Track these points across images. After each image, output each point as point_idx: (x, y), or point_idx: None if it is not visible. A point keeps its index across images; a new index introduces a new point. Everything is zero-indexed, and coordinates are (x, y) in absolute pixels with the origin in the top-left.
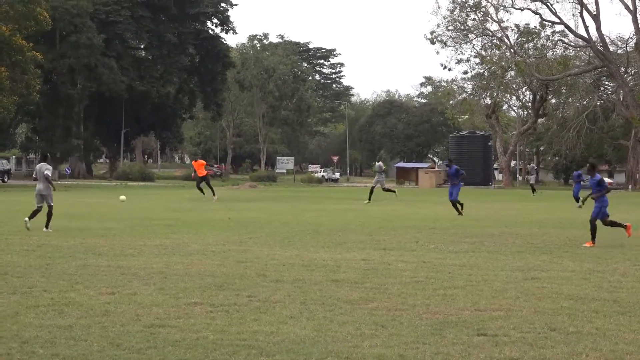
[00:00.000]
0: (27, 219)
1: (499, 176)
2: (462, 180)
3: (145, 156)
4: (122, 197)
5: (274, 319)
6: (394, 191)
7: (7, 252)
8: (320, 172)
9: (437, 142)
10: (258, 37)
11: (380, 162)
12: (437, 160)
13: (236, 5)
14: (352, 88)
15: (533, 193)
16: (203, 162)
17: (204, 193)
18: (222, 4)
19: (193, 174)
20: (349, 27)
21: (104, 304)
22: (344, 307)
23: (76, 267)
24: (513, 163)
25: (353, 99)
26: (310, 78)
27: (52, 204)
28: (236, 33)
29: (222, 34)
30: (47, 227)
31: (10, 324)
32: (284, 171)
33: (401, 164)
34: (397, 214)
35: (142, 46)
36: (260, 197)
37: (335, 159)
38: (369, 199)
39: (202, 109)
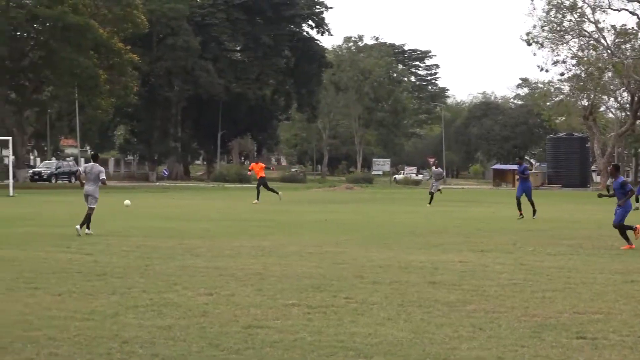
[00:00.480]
0: (86, 230)
1: (596, 178)
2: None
3: (242, 158)
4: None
5: (371, 320)
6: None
7: (106, 253)
8: (403, 173)
9: (534, 144)
10: (353, 39)
11: (440, 168)
12: (533, 162)
13: (331, 8)
14: (447, 90)
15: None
16: (262, 165)
17: (277, 192)
18: (318, 7)
19: (249, 172)
20: (444, 29)
21: (202, 305)
22: (442, 309)
23: (174, 268)
24: None
25: (449, 100)
26: (405, 80)
27: (94, 207)
28: (331, 35)
29: (318, 36)
30: (88, 228)
31: (110, 324)
32: (380, 173)
33: (498, 166)
34: (493, 216)
35: (238, 48)
36: (356, 199)
37: (432, 160)
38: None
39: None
